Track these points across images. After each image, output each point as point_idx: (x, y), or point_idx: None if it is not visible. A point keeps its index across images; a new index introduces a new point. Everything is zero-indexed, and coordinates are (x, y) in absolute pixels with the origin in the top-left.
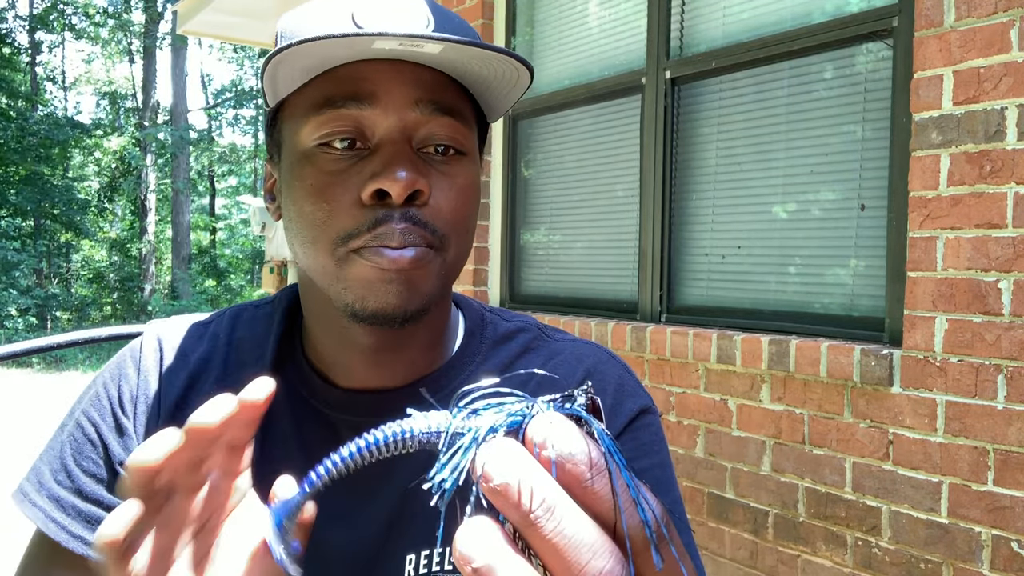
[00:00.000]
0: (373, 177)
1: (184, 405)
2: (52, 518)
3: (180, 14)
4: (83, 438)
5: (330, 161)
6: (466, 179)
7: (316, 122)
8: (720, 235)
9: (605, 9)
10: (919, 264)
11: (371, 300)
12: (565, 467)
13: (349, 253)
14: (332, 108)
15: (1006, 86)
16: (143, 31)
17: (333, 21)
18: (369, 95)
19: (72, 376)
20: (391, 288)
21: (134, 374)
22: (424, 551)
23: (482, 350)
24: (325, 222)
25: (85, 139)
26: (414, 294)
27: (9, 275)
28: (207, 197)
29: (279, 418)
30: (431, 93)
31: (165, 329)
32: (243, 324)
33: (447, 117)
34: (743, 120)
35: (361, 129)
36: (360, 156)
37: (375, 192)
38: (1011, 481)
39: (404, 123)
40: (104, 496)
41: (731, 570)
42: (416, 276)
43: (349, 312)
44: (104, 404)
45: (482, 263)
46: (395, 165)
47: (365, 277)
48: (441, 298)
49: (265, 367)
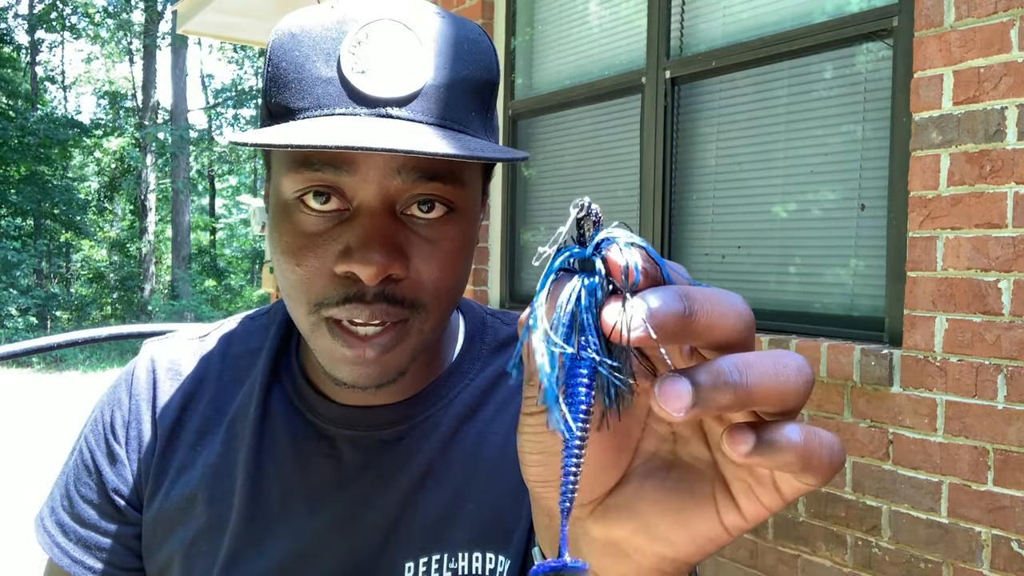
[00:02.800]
0: (345, 255)
1: (179, 427)
2: (56, 543)
3: (180, 14)
4: (82, 465)
5: (307, 221)
6: (453, 242)
7: (294, 179)
8: (720, 235)
9: (605, 9)
10: (919, 264)
11: (341, 375)
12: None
13: (321, 320)
14: (310, 170)
15: (1006, 86)
16: (143, 31)
17: (321, 64)
18: (348, 162)
19: (72, 376)
20: (360, 370)
21: (127, 399)
22: (423, 558)
23: (482, 356)
24: (298, 285)
25: (85, 139)
26: (385, 373)
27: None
28: (207, 197)
29: (275, 432)
30: (415, 160)
31: (159, 349)
32: (238, 338)
33: (434, 183)
34: (743, 120)
35: (341, 191)
36: (339, 219)
37: (347, 272)
38: (1011, 481)
39: (384, 192)
40: (100, 523)
41: (731, 570)
42: (385, 359)
43: (324, 373)
44: (100, 431)
45: (482, 263)
46: (369, 245)
47: (333, 355)
48: (423, 354)
49: (258, 382)
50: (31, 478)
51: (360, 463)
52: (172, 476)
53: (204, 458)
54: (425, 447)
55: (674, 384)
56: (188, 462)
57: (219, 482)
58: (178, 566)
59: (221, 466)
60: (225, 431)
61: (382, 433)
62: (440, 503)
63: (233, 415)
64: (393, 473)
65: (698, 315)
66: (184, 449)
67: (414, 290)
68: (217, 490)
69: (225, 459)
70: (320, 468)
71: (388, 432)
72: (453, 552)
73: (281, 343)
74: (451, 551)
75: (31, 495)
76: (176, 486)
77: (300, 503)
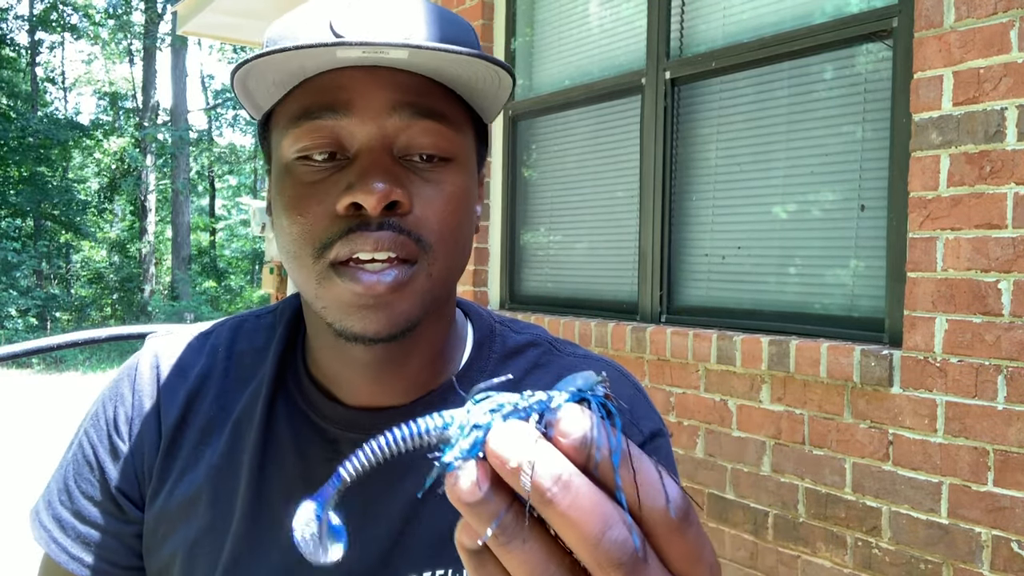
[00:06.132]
0: (348, 189)
1: (184, 425)
2: (54, 539)
3: (180, 15)
4: (83, 460)
5: (308, 173)
6: (454, 186)
7: (295, 135)
8: (720, 235)
9: (605, 9)
10: (919, 264)
11: (351, 324)
12: (581, 450)
13: (327, 269)
14: (308, 119)
15: (1006, 86)
16: (143, 31)
17: (311, 30)
18: (344, 104)
19: (72, 376)
20: (369, 314)
21: (130, 395)
22: (427, 572)
23: (490, 365)
24: (301, 235)
25: (85, 140)
26: (396, 318)
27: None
28: (207, 197)
29: (279, 434)
30: (409, 96)
31: (163, 345)
32: (244, 336)
33: (428, 120)
34: (743, 121)
35: (339, 140)
36: (339, 167)
37: (350, 204)
38: (1011, 481)
39: (382, 131)
40: (100, 520)
41: (731, 570)
42: (395, 300)
43: (334, 331)
44: (102, 426)
45: (482, 264)
46: (370, 176)
47: (342, 300)
48: (434, 313)
49: (264, 383)
50: (31, 478)
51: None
52: (176, 475)
53: (208, 458)
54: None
55: (471, 471)
56: (192, 461)
57: (223, 483)
58: (179, 566)
59: (225, 467)
60: (230, 431)
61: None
62: (445, 517)
63: (239, 415)
64: (397, 481)
65: (555, 504)
66: (188, 447)
67: (418, 225)
68: (221, 491)
69: (230, 460)
70: (323, 472)
71: None
72: (458, 568)
73: (287, 343)
74: (456, 567)
75: (31, 495)
76: (180, 485)
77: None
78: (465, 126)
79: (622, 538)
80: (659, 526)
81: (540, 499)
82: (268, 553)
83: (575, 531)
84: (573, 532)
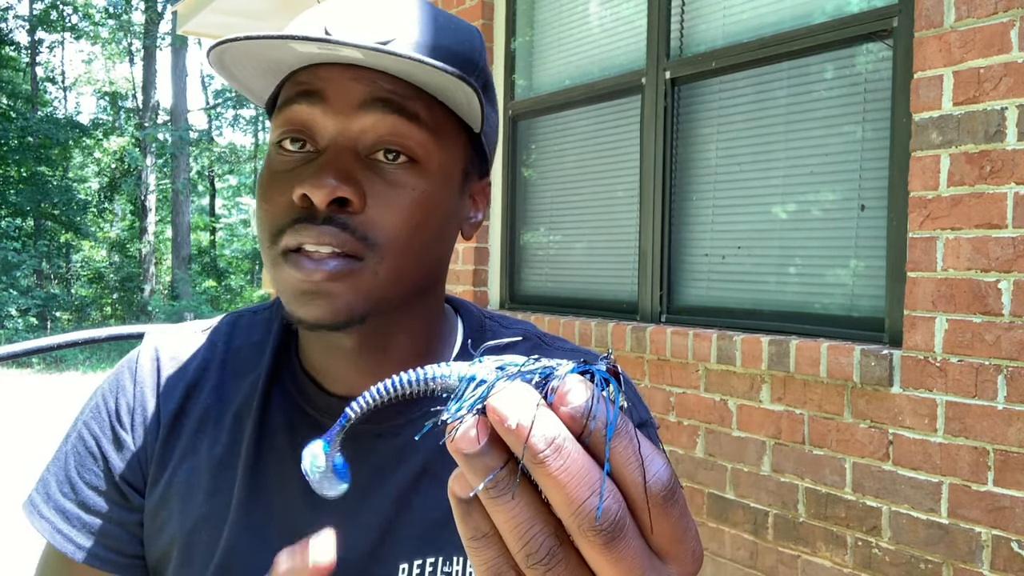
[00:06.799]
0: (302, 181)
1: (182, 415)
2: (59, 530)
3: (180, 14)
4: (85, 451)
5: (279, 162)
6: (418, 190)
7: (275, 122)
8: (720, 235)
9: (605, 9)
10: (919, 264)
11: (295, 309)
12: (578, 420)
13: (279, 256)
14: (286, 106)
15: (1006, 86)
16: (143, 31)
17: (306, 25)
18: (318, 93)
19: (72, 376)
20: (309, 300)
21: (131, 386)
22: (417, 560)
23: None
24: (263, 221)
25: (85, 139)
26: (338, 307)
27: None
28: (207, 197)
29: (275, 425)
30: (381, 94)
31: (163, 338)
32: (241, 331)
33: (396, 116)
34: (743, 120)
35: (311, 131)
36: (307, 159)
37: (302, 195)
38: (1011, 481)
39: (348, 126)
40: (105, 508)
41: (731, 570)
42: (336, 290)
43: (290, 318)
44: (103, 417)
45: (482, 263)
46: (325, 171)
47: (289, 285)
48: (400, 309)
49: (262, 376)
50: (31, 478)
51: (355, 456)
52: (175, 463)
53: (207, 448)
54: (422, 445)
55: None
56: (190, 450)
57: (222, 473)
58: (177, 554)
59: (225, 458)
60: (231, 423)
61: (378, 427)
62: (437, 505)
63: (238, 407)
64: (389, 469)
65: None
66: (187, 437)
67: (367, 225)
68: (219, 481)
69: (230, 451)
70: None
71: (384, 426)
72: (448, 556)
73: (283, 337)
74: (447, 555)
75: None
76: (178, 473)
77: (297, 496)
78: (447, 135)
79: (604, 505)
80: (641, 499)
81: (532, 459)
82: (264, 543)
83: (561, 493)
84: (559, 494)
